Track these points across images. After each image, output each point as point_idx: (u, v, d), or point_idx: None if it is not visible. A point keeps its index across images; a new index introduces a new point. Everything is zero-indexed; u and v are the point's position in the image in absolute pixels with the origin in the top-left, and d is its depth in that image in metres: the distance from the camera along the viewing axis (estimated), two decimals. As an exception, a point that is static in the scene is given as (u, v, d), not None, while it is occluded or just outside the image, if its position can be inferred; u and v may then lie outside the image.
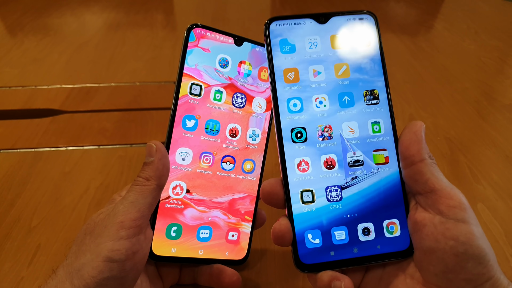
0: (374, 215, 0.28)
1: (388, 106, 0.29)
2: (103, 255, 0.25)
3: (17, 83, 0.66)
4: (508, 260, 0.38)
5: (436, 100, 0.64)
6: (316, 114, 0.29)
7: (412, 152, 0.27)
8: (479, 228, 0.25)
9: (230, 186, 0.34)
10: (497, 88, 0.68)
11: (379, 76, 0.29)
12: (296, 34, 0.29)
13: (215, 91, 0.34)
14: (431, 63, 0.75)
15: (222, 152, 0.34)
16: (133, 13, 0.96)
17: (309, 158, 0.29)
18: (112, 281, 0.25)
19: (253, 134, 0.35)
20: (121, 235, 0.26)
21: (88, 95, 0.63)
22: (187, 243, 0.33)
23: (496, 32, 0.90)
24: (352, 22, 0.30)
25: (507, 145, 0.54)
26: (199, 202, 0.33)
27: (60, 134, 0.55)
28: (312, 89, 0.29)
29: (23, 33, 0.84)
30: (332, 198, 0.29)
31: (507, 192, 0.46)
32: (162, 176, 0.29)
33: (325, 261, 0.28)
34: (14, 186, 0.46)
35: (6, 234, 0.40)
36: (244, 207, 0.35)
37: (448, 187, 0.26)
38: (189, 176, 0.33)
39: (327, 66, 0.29)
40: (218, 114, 0.34)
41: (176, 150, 0.33)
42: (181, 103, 0.32)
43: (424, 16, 0.99)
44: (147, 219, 0.28)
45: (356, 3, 1.03)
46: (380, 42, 0.30)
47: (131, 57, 0.75)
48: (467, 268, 0.24)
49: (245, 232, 0.35)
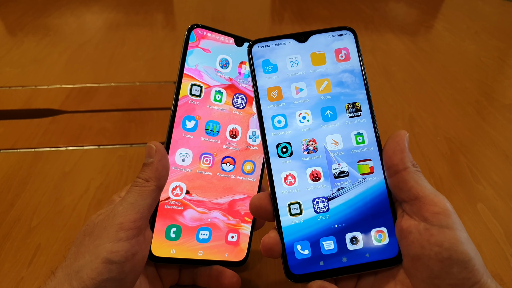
0: (362, 224, 0.29)
1: (371, 117, 0.30)
2: (102, 257, 0.25)
3: (17, 83, 0.66)
4: (508, 260, 0.38)
5: (436, 100, 0.64)
6: (300, 129, 0.30)
7: (395, 161, 0.28)
8: (463, 233, 0.25)
9: (230, 187, 0.34)
10: (497, 88, 0.68)
11: (360, 89, 0.31)
12: (277, 54, 0.31)
13: (216, 92, 0.33)
14: (431, 63, 0.75)
15: (222, 153, 0.34)
16: (133, 13, 0.96)
17: (295, 171, 0.30)
18: (111, 283, 0.25)
19: (253, 135, 0.35)
20: (120, 236, 0.26)
21: (88, 95, 0.63)
22: (186, 244, 0.33)
23: (496, 32, 0.90)
24: (332, 38, 0.31)
25: (507, 145, 0.54)
26: (199, 203, 0.33)
27: (60, 134, 0.55)
28: (295, 105, 0.31)
29: (23, 33, 0.84)
30: (319, 209, 0.29)
31: (507, 192, 0.46)
32: (161, 177, 0.29)
33: (315, 271, 0.28)
34: (14, 186, 0.46)
35: (6, 234, 0.40)
36: (244, 208, 0.34)
37: (432, 194, 0.26)
38: (189, 177, 0.33)
39: (309, 82, 0.31)
40: (218, 115, 0.34)
41: (176, 151, 0.32)
42: (181, 104, 0.32)
43: (424, 16, 0.99)
44: (146, 220, 0.28)
45: (356, 3, 1.03)
46: (360, 56, 0.31)
47: (131, 57, 0.75)
48: (452, 273, 0.24)
49: (245, 234, 0.34)
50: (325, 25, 0.91)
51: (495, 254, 0.39)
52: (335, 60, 0.31)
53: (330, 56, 0.31)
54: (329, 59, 0.31)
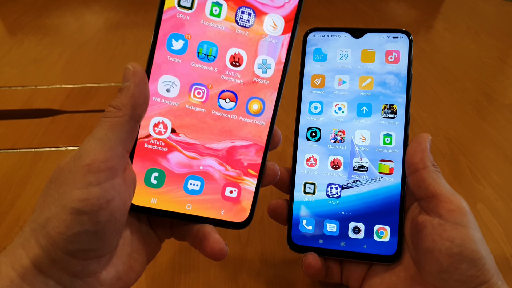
0: (367, 218, 0.30)
1: (405, 122, 0.31)
2: (69, 207, 0.20)
3: (17, 83, 0.66)
4: (508, 260, 0.38)
5: (436, 100, 0.64)
6: (333, 118, 0.32)
7: (416, 160, 0.28)
8: (477, 233, 0.25)
9: (230, 130, 0.27)
10: (497, 88, 0.68)
11: (401, 93, 0.31)
12: (330, 45, 0.32)
13: (213, 3, 0.26)
14: (431, 63, 0.75)
15: (220, 85, 0.27)
16: (133, 13, 0.96)
17: (318, 156, 0.32)
18: (86, 237, 0.21)
19: (263, 64, 0.27)
20: (89, 180, 0.21)
21: (88, 95, 0.63)
22: (171, 193, 0.27)
23: (496, 32, 0.90)
24: (386, 39, 0.32)
25: (507, 145, 0.54)
26: (188, 146, 0.27)
27: (60, 134, 0.55)
28: (334, 96, 0.32)
29: (23, 33, 0.84)
30: (331, 194, 0.31)
31: (507, 192, 0.46)
32: (138, 106, 0.23)
33: (313, 246, 0.31)
34: (14, 186, 0.46)
35: (6, 234, 0.40)
36: (247, 159, 0.28)
37: (449, 193, 0.27)
38: (175, 113, 0.27)
39: (353, 77, 0.32)
40: (215, 34, 0.26)
41: (158, 78, 0.26)
42: (166, 18, 0.26)
43: (424, 16, 0.99)
44: (122, 159, 0.23)
45: (356, 3, 1.03)
46: (409, 61, 0.31)
47: (131, 57, 0.75)
48: (461, 269, 0.24)
49: (248, 189, 0.28)
50: (324, 25, 0.91)
51: (495, 254, 0.38)
52: (383, 60, 0.31)
53: (380, 56, 0.32)
54: (378, 58, 0.32)
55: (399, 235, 0.29)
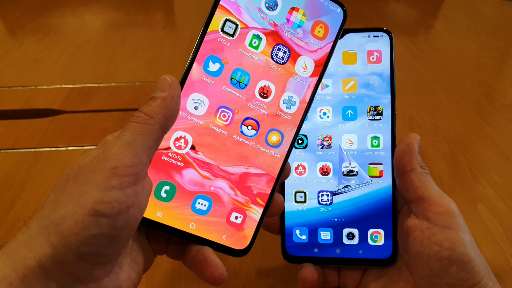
0: (361, 223, 0.30)
1: (391, 123, 0.30)
2: (89, 207, 0.20)
3: (17, 83, 0.66)
4: (508, 260, 0.38)
5: (436, 100, 0.64)
6: (319, 124, 0.31)
7: (404, 162, 0.28)
8: (466, 235, 0.25)
9: (246, 156, 0.28)
10: (497, 88, 0.68)
11: (385, 93, 0.31)
12: None
13: (253, 36, 0.27)
14: (431, 63, 0.75)
15: (246, 112, 0.28)
16: (133, 13, 0.96)
17: (307, 163, 0.31)
18: (100, 240, 0.20)
19: (288, 100, 0.28)
20: (113, 184, 0.20)
21: (88, 95, 0.63)
22: (178, 210, 0.27)
23: (496, 32, 0.90)
24: (367, 39, 0.31)
25: (507, 145, 0.54)
26: (204, 165, 0.27)
27: (60, 134, 0.55)
28: (318, 101, 0.31)
29: (23, 33, 0.84)
30: (323, 201, 0.31)
31: (507, 192, 0.46)
32: (169, 118, 0.23)
33: (308, 255, 0.30)
34: (14, 186, 0.46)
35: (6, 234, 0.40)
36: (258, 187, 0.28)
37: (437, 195, 0.26)
38: (199, 130, 0.27)
39: (336, 80, 0.31)
40: (250, 64, 0.27)
41: (189, 95, 0.27)
42: (208, 39, 0.27)
43: (424, 16, 0.99)
44: (145, 167, 0.23)
45: (356, 3, 1.03)
46: (392, 60, 0.31)
47: (131, 57, 0.75)
48: (450, 273, 0.24)
49: (253, 218, 0.28)
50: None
51: (495, 254, 0.39)
52: (365, 61, 0.31)
53: (362, 57, 0.31)
54: (360, 59, 0.31)
55: (393, 237, 0.29)
